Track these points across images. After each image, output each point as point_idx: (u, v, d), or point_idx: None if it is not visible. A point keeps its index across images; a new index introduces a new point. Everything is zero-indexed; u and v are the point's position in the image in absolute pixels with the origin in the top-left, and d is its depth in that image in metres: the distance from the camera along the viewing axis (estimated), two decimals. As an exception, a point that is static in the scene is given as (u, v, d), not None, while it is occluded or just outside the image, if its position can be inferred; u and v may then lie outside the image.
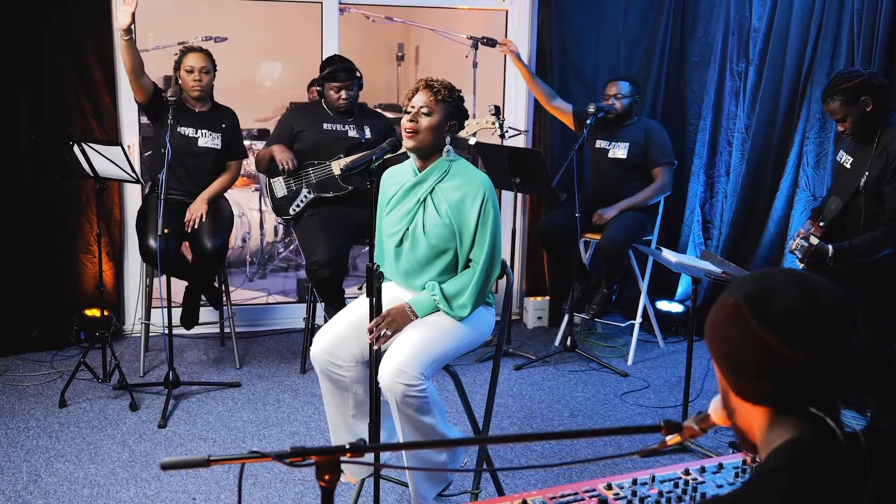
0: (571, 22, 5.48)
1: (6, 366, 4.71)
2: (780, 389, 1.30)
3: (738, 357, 1.33)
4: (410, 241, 3.05)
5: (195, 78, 4.48)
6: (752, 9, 5.21)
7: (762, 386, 1.32)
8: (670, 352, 5.30)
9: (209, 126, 4.61)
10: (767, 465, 1.30)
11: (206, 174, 4.63)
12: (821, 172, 4.89)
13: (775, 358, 1.28)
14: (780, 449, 1.31)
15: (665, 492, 1.98)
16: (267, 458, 1.59)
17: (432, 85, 2.99)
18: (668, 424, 1.60)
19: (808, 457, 1.28)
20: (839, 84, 3.61)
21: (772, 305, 1.30)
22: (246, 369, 4.81)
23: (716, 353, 1.39)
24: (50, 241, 4.93)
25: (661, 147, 5.06)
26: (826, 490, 1.24)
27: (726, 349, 1.36)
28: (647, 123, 5.15)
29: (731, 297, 1.36)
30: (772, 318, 1.29)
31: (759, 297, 1.32)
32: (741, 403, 1.38)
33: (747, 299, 1.33)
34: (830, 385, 1.30)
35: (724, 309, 1.37)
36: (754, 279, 1.37)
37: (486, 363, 4.96)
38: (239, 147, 4.78)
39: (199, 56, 4.51)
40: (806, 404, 1.30)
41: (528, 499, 1.92)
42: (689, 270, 3.86)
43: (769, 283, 1.33)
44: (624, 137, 5.09)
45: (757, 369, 1.31)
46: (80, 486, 3.48)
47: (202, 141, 4.58)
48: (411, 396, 2.82)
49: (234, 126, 4.74)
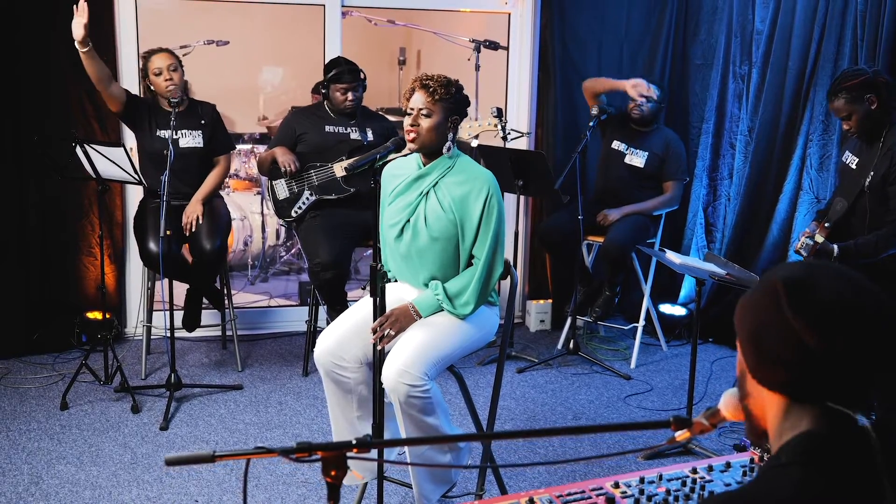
0: (574, 24, 5.48)
1: (7, 368, 4.70)
2: (799, 379, 1.28)
3: (764, 339, 1.30)
4: (411, 232, 3.04)
5: (166, 78, 4.40)
6: (754, 11, 5.20)
7: (781, 372, 1.29)
8: (673, 355, 5.28)
9: (188, 125, 4.55)
10: (779, 460, 1.27)
11: (193, 174, 4.58)
12: (824, 175, 4.88)
13: (800, 346, 1.25)
14: (792, 442, 1.28)
15: (673, 490, 1.96)
16: (273, 453, 1.57)
17: (428, 85, 2.98)
18: (678, 420, 1.58)
19: (821, 451, 1.25)
20: (844, 82, 3.61)
21: (813, 294, 1.27)
22: (248, 372, 4.79)
23: (742, 331, 1.36)
24: (52, 244, 4.92)
25: (678, 162, 5.07)
26: (839, 486, 1.22)
27: (753, 328, 1.32)
28: (666, 134, 5.15)
29: (772, 279, 1.32)
30: (807, 305, 1.26)
31: (800, 283, 1.29)
32: (758, 387, 1.35)
33: (787, 282, 1.30)
34: (852, 384, 1.27)
35: (761, 289, 1.34)
36: (802, 266, 1.34)
37: (489, 366, 4.95)
38: (224, 140, 4.72)
39: (163, 55, 4.43)
40: (824, 398, 1.28)
41: (535, 497, 1.90)
42: (693, 272, 3.84)
43: (817, 273, 1.30)
44: (644, 145, 5.08)
45: (780, 354, 1.28)
46: (82, 488, 3.46)
47: (183, 141, 4.53)
48: (415, 397, 2.80)
49: (216, 120, 4.67)
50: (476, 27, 6.31)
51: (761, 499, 1.21)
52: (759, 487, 1.24)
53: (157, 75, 4.42)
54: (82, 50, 4.11)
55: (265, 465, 3.67)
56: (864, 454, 1.24)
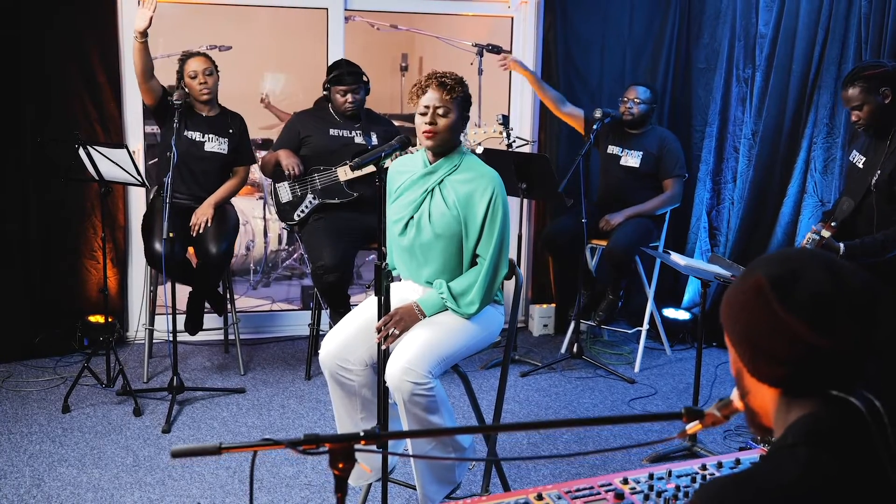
0: (577, 28, 5.47)
1: (8, 372, 4.68)
2: (799, 373, 1.27)
3: (758, 339, 1.29)
4: (415, 229, 3.02)
5: (200, 81, 4.49)
6: (758, 14, 5.20)
7: (781, 368, 1.28)
8: (677, 359, 5.26)
9: (217, 131, 4.60)
10: (785, 441, 1.26)
11: (212, 179, 4.62)
12: (829, 178, 4.87)
13: (798, 343, 1.24)
14: (797, 424, 1.27)
15: (682, 486, 1.94)
16: (280, 445, 1.56)
17: (445, 82, 2.96)
18: (689, 411, 1.56)
19: (827, 431, 1.24)
20: (863, 71, 3.61)
21: (798, 289, 1.26)
22: (250, 375, 4.77)
23: (732, 332, 1.34)
24: (54, 247, 4.90)
25: (674, 159, 5.05)
26: (847, 463, 1.21)
27: (745, 329, 1.31)
28: (661, 133, 5.13)
29: (754, 276, 1.31)
30: (798, 302, 1.25)
31: (785, 280, 1.27)
32: (757, 385, 1.33)
33: (772, 280, 1.28)
34: (851, 370, 1.26)
35: (745, 288, 1.32)
36: (780, 260, 1.32)
37: (492, 370, 4.93)
38: (247, 152, 4.77)
39: (200, 59, 4.52)
40: (824, 387, 1.27)
41: (544, 492, 1.89)
42: (698, 273, 3.83)
43: (795, 266, 1.29)
44: (637, 146, 5.07)
45: (777, 352, 1.27)
46: (84, 490, 3.44)
47: (209, 145, 4.57)
48: (419, 395, 2.78)
49: (243, 131, 4.73)
50: (479, 31, 6.30)
51: (771, 480, 1.20)
52: (767, 469, 1.23)
53: (192, 78, 4.50)
54: (140, 40, 4.22)
55: (268, 468, 3.65)
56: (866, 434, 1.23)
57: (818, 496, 1.17)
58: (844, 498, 1.18)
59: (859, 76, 3.60)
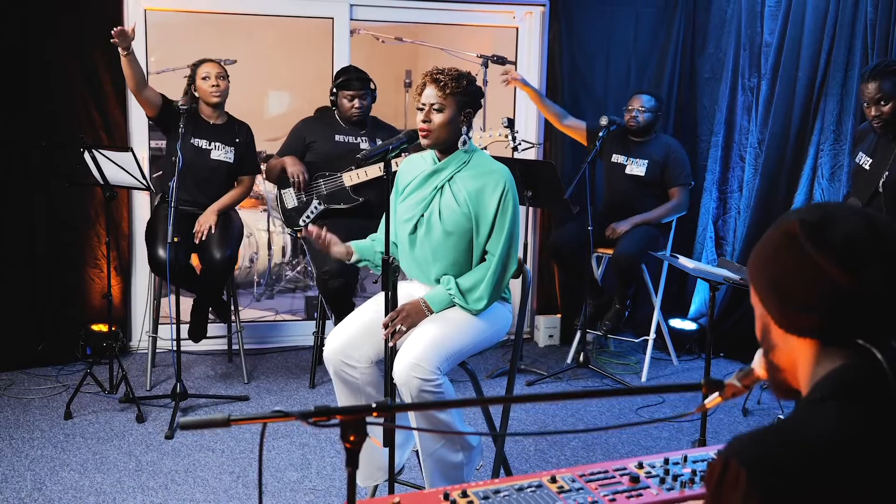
0: (582, 39, 5.48)
1: (11, 380, 4.64)
2: (830, 320, 1.23)
3: (787, 285, 1.26)
4: (425, 228, 2.99)
5: (212, 83, 4.47)
6: (763, 23, 5.20)
7: (811, 317, 1.24)
8: (684, 369, 5.22)
9: (223, 139, 4.58)
10: (814, 396, 1.23)
11: (216, 187, 4.60)
12: (836, 185, 4.84)
13: (828, 286, 1.21)
14: (825, 379, 1.24)
15: (699, 471, 1.90)
16: (291, 417, 1.53)
17: (438, 79, 2.93)
18: (710, 382, 1.53)
19: (856, 384, 1.21)
20: (891, 66, 3.56)
21: (831, 231, 1.23)
22: (254, 384, 4.73)
23: (760, 281, 1.31)
24: (57, 255, 4.88)
25: (680, 167, 5.02)
26: (877, 417, 1.18)
27: (774, 276, 1.28)
28: (666, 141, 5.10)
29: (787, 222, 1.28)
30: (830, 243, 1.22)
31: (818, 223, 1.25)
32: (785, 337, 1.30)
33: (805, 223, 1.25)
34: (882, 318, 1.23)
35: (777, 234, 1.29)
36: (815, 207, 1.30)
37: (498, 379, 4.89)
38: (252, 162, 4.76)
39: (213, 64, 4.52)
40: (854, 336, 1.23)
41: (558, 475, 1.85)
42: (707, 276, 3.79)
43: (831, 212, 1.26)
44: (643, 154, 5.05)
45: (807, 298, 1.23)
46: (86, 495, 3.39)
47: (215, 154, 4.55)
48: (427, 391, 2.74)
49: (249, 141, 4.72)
50: (484, 43, 6.32)
51: (802, 434, 1.16)
52: (797, 423, 1.19)
53: (204, 79, 4.48)
54: (124, 54, 4.17)
55: (272, 473, 3.60)
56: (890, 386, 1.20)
57: (851, 449, 1.14)
58: (875, 450, 1.15)
59: (888, 71, 3.54)
